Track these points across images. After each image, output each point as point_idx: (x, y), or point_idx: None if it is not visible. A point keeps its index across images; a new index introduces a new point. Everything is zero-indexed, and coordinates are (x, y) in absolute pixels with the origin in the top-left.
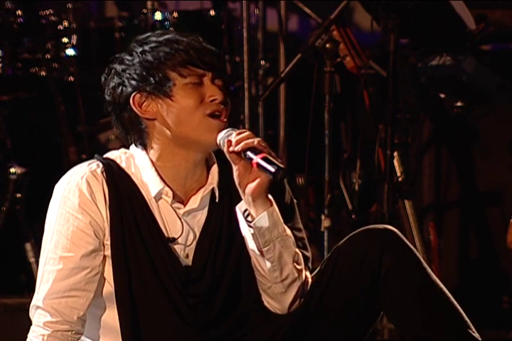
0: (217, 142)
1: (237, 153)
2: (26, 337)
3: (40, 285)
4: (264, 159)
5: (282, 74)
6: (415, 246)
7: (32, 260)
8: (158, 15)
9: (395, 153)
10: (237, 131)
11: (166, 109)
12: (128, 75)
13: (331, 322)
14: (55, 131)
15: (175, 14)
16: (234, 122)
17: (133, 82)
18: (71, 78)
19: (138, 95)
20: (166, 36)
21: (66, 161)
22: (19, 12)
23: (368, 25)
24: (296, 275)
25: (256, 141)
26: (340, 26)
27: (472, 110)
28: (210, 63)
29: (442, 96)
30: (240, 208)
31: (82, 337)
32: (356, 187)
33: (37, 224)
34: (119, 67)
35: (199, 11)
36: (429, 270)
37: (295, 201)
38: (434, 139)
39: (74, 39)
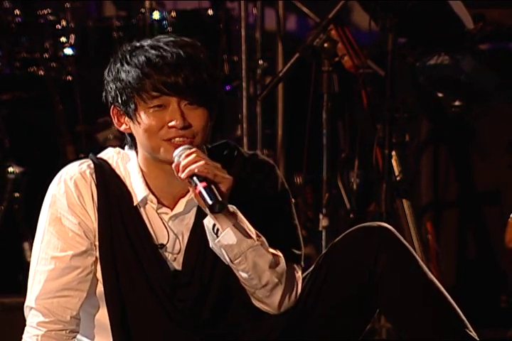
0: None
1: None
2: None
3: (32, 286)
4: (206, 189)
5: (280, 74)
6: (413, 246)
7: (30, 259)
8: (156, 15)
9: (393, 153)
10: (186, 153)
11: (134, 128)
12: (109, 89)
13: (326, 321)
14: (53, 130)
15: (173, 13)
16: (232, 122)
17: (109, 97)
18: (69, 77)
19: (115, 109)
20: (142, 57)
21: (64, 160)
22: (17, 11)
23: (366, 24)
24: (276, 280)
25: (197, 168)
26: (338, 26)
27: (470, 109)
28: (175, 86)
29: (440, 95)
30: (207, 223)
31: (78, 336)
32: (354, 187)
33: (35, 224)
34: (106, 77)
35: (197, 10)
36: (425, 268)
37: (290, 196)
38: (432, 139)
39: (72, 38)
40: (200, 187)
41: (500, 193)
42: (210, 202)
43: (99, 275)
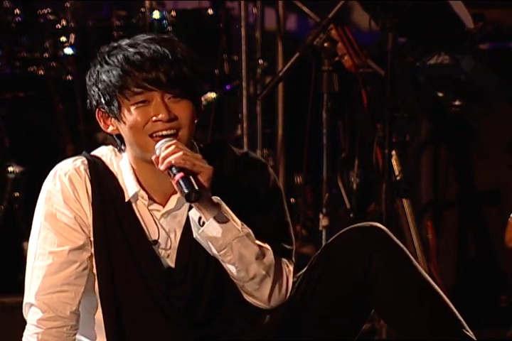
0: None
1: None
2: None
3: (31, 282)
4: (183, 179)
5: (280, 74)
6: (413, 246)
7: None
8: (156, 14)
9: (393, 152)
10: (166, 145)
11: (121, 127)
12: (92, 92)
13: (322, 320)
14: (53, 129)
15: (173, 13)
16: (232, 121)
17: (93, 101)
18: (69, 77)
19: (100, 112)
20: (120, 56)
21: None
22: (17, 11)
23: (366, 24)
24: (264, 272)
25: (174, 159)
26: (338, 25)
27: (470, 109)
28: (157, 81)
29: (440, 95)
30: (193, 216)
31: (78, 336)
32: (354, 186)
33: None
34: (87, 82)
35: (197, 10)
36: (419, 268)
37: (282, 194)
38: (432, 138)
39: (72, 38)
40: (177, 177)
41: (500, 193)
42: (186, 191)
43: (95, 271)
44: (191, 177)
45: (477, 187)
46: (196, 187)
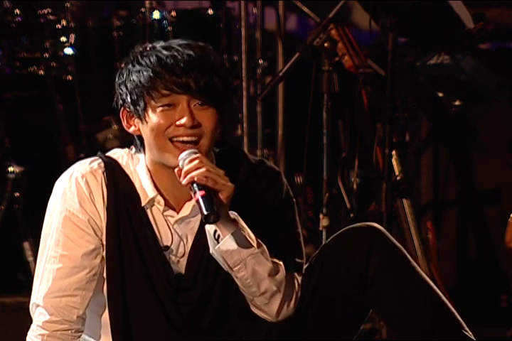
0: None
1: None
2: (25, 336)
3: (41, 284)
4: (203, 198)
5: (280, 73)
6: (413, 246)
7: (30, 259)
8: (156, 14)
9: (393, 152)
10: (189, 158)
11: (142, 128)
12: (120, 91)
13: (321, 320)
14: (53, 129)
15: (173, 13)
16: (233, 121)
17: (120, 99)
18: (69, 77)
19: (125, 111)
20: (154, 57)
21: (64, 160)
22: (17, 11)
23: (366, 24)
24: (275, 288)
25: (197, 175)
26: (338, 25)
27: (470, 109)
28: (186, 87)
29: (440, 95)
30: (209, 229)
31: (83, 336)
32: (354, 186)
33: (35, 223)
34: (116, 80)
35: (197, 9)
36: (417, 268)
37: (295, 204)
38: (432, 138)
39: (72, 38)
40: (198, 195)
41: (500, 193)
42: (205, 213)
43: (105, 274)
44: (212, 196)
45: (477, 187)
46: (215, 209)
